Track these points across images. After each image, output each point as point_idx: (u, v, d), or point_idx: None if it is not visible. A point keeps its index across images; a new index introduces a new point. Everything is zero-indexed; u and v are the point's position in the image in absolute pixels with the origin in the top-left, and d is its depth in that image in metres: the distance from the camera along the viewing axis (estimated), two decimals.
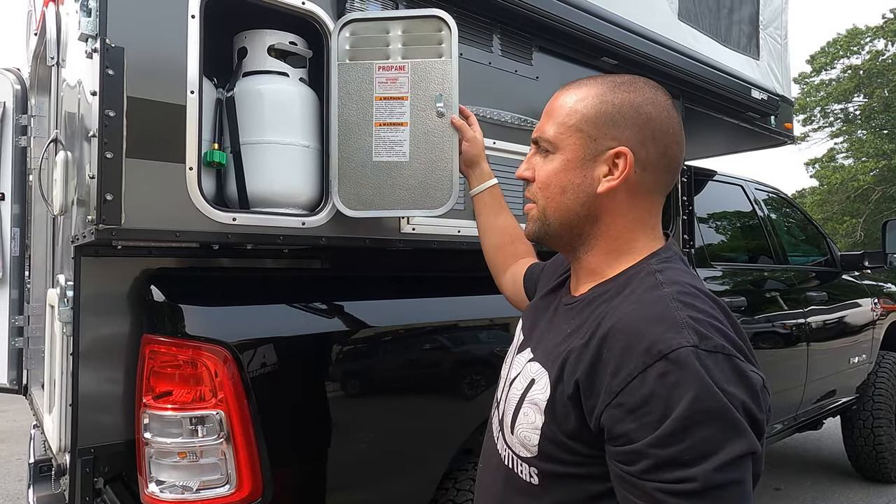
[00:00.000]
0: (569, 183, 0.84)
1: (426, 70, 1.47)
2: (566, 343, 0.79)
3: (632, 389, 0.66)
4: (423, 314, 1.65)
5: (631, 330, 0.70)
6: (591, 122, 0.83)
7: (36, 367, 2.32)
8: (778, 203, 3.77)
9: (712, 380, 0.64)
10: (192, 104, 1.30)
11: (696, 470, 0.62)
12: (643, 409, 0.65)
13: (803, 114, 21.41)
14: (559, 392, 0.76)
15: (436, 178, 1.46)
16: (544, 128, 0.88)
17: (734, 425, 0.63)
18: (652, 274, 0.79)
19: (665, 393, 0.64)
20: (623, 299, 0.77)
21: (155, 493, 1.28)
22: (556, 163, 0.85)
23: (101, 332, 1.40)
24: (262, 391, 1.32)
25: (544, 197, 0.87)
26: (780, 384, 3.16)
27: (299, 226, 1.46)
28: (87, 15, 1.20)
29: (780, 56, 3.13)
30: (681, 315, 0.70)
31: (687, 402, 0.63)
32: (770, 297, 3.18)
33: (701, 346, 0.66)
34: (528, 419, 0.80)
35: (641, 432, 0.65)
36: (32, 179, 2.31)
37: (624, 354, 0.69)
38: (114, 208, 1.20)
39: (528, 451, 0.80)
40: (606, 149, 0.82)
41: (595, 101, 0.84)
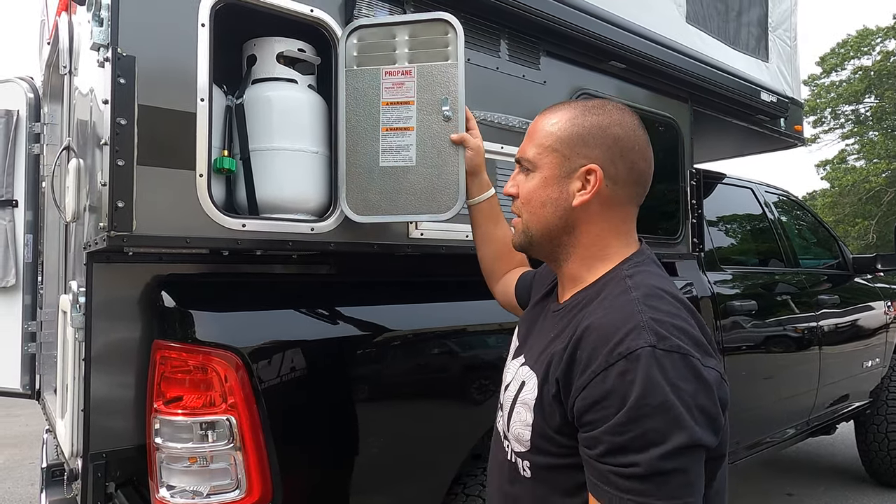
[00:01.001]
0: (547, 198, 0.94)
1: (432, 74, 1.46)
2: (550, 347, 0.89)
3: (595, 385, 0.76)
4: (433, 319, 1.65)
5: (599, 333, 0.79)
6: (565, 143, 0.93)
7: (48, 372, 2.35)
8: (788, 205, 3.74)
9: (664, 377, 0.73)
10: (203, 112, 1.31)
11: (642, 457, 0.71)
12: (604, 403, 0.75)
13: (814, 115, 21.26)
14: (545, 391, 0.85)
15: (442, 183, 1.45)
16: (525, 149, 0.98)
17: (678, 419, 0.71)
18: (623, 279, 0.88)
19: (622, 389, 0.74)
20: (597, 305, 0.86)
21: (166, 498, 1.29)
22: (535, 180, 0.95)
23: (113, 337, 1.41)
24: (271, 396, 1.33)
25: (527, 211, 0.97)
26: (791, 388, 3.13)
27: (308, 231, 1.47)
28: (99, 24, 1.22)
29: (789, 58, 3.12)
30: (643, 318, 0.78)
31: (636, 396, 0.72)
32: (781, 301, 3.15)
33: (658, 346, 0.75)
34: (520, 417, 0.90)
35: (600, 422, 0.75)
36: (45, 186, 2.34)
37: (592, 354, 0.78)
38: (125, 215, 1.21)
39: (522, 446, 0.89)
40: (579, 166, 0.92)
41: (568, 123, 0.94)
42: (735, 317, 2.74)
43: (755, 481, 3.93)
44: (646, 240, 2.47)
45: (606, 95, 2.22)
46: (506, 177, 1.87)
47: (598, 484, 0.75)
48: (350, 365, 1.50)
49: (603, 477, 0.74)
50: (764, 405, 2.93)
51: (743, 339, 2.80)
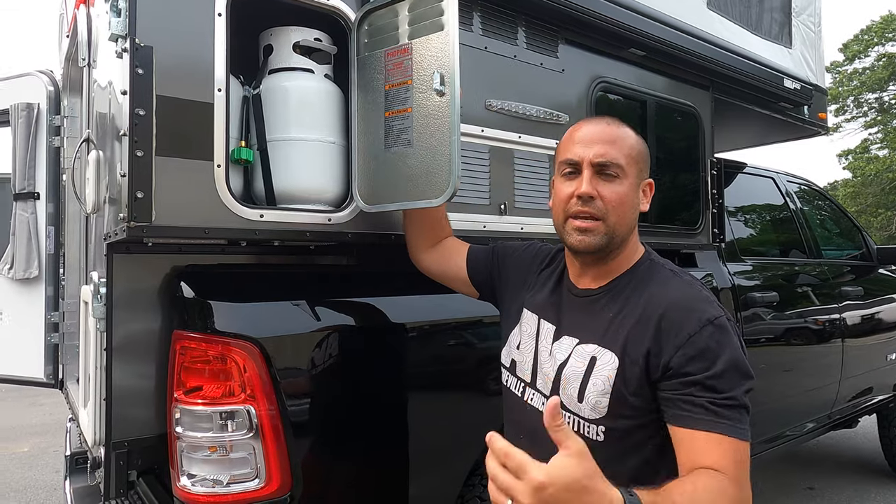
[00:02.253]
0: (631, 203, 1.10)
1: (427, 48, 1.36)
2: (617, 325, 1.05)
3: (692, 343, 0.97)
4: (450, 310, 1.64)
5: (680, 306, 1.01)
6: (643, 158, 1.13)
7: (71, 362, 2.38)
8: (810, 195, 3.67)
9: (735, 337, 0.99)
10: (220, 102, 1.31)
11: (733, 392, 0.95)
12: (701, 356, 0.96)
13: (836, 104, 20.81)
14: (627, 363, 1.02)
15: (436, 166, 1.34)
16: (611, 154, 1.07)
17: (749, 371, 0.98)
18: (661, 266, 1.12)
19: (714, 346, 0.97)
20: (659, 286, 1.07)
21: (187, 487, 1.30)
22: (624, 186, 1.08)
23: (133, 327, 1.43)
24: (289, 387, 1.33)
25: (616, 214, 1.08)
26: (813, 381, 3.09)
27: (325, 222, 1.46)
28: (117, 15, 1.22)
29: (813, 44, 3.04)
30: (705, 294, 1.05)
31: (728, 353, 0.97)
32: (803, 292, 3.10)
33: (725, 315, 1.01)
34: (596, 388, 1.04)
35: (699, 370, 0.96)
36: (66, 178, 2.37)
37: (681, 321, 0.99)
38: (144, 206, 1.22)
39: (598, 413, 1.04)
40: (644, 178, 1.14)
41: (639, 142, 1.13)
42: (755, 308, 2.70)
43: (776, 475, 3.89)
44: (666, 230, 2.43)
45: (626, 84, 2.19)
46: (523, 166, 1.85)
47: (692, 414, 0.94)
48: (368, 356, 1.50)
49: (699, 407, 0.94)
50: (784, 398, 2.89)
51: (763, 330, 2.76)
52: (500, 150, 1.79)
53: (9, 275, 2.39)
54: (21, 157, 2.36)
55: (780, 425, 2.91)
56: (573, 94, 2.01)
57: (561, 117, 1.94)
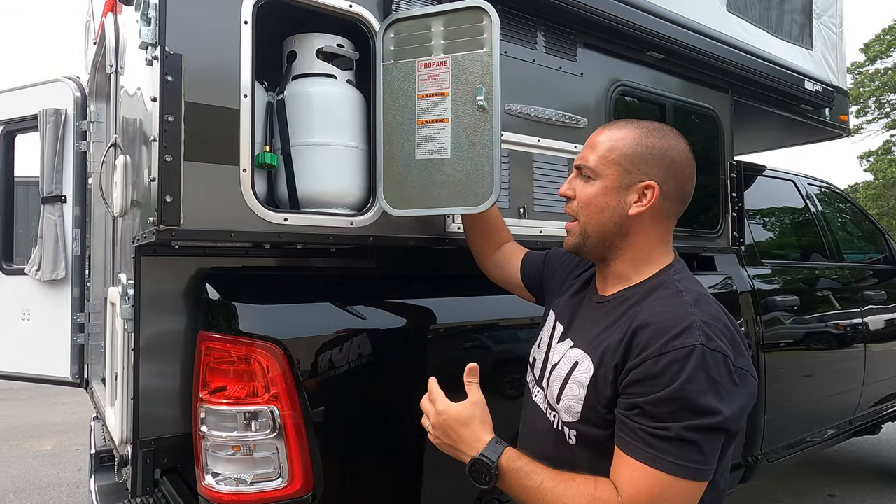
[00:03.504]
0: (606, 204, 1.06)
1: (467, 63, 1.44)
2: (605, 335, 1.02)
3: (647, 366, 0.91)
4: (472, 312, 1.65)
5: (657, 325, 0.93)
6: (628, 159, 1.05)
7: (96, 362, 2.43)
8: (831, 198, 3.62)
9: (705, 371, 0.88)
10: (246, 108, 1.33)
11: (673, 425, 0.87)
12: (651, 381, 0.90)
13: (856, 105, 20.50)
14: (600, 373, 0.99)
15: (477, 175, 1.44)
16: (587, 157, 1.08)
17: (709, 405, 0.87)
18: (673, 283, 1.03)
19: (669, 373, 0.88)
20: (651, 302, 1.00)
21: (211, 485, 1.32)
22: (596, 187, 1.07)
23: (160, 328, 1.45)
24: (312, 387, 1.35)
25: (585, 214, 1.08)
26: (835, 387, 3.05)
27: (348, 225, 1.48)
28: (147, 24, 1.25)
29: (835, 45, 3.01)
30: (696, 319, 0.92)
31: (682, 380, 0.87)
32: (824, 296, 3.06)
33: (707, 345, 0.89)
34: (572, 392, 1.03)
35: (644, 394, 0.90)
36: (92, 182, 2.42)
37: (649, 342, 0.92)
38: (173, 209, 1.24)
39: (572, 417, 1.03)
40: (638, 181, 1.05)
41: (632, 142, 1.06)
42: (776, 312, 2.68)
43: (796, 481, 3.84)
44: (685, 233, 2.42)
45: (644, 87, 2.19)
46: (542, 170, 1.86)
47: (626, 437, 0.91)
48: (389, 357, 1.52)
49: (632, 432, 0.90)
50: (805, 404, 2.86)
51: (784, 335, 2.73)
52: (519, 154, 1.80)
53: (36, 276, 2.44)
54: (49, 162, 2.41)
55: (800, 431, 2.87)
56: (592, 98, 2.01)
57: (580, 121, 1.94)
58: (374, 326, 1.52)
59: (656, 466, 0.86)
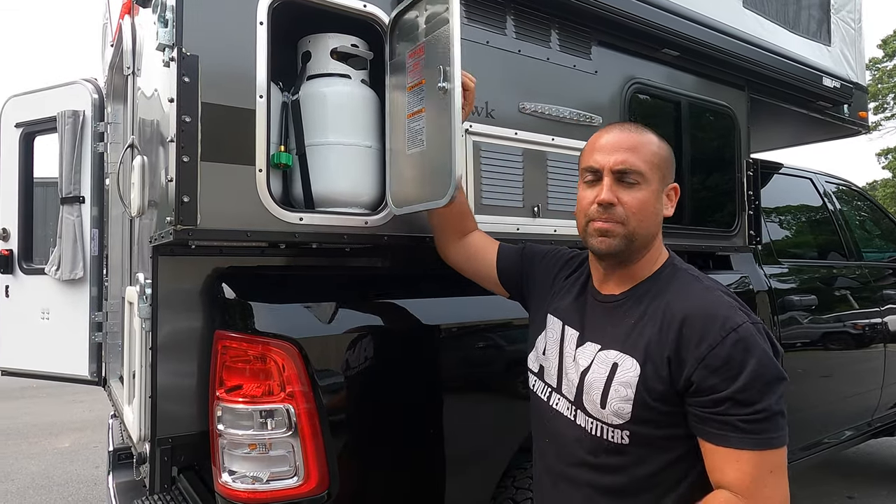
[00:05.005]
0: (653, 209, 1.09)
1: (435, 45, 1.33)
2: (638, 332, 1.04)
3: (714, 355, 0.95)
4: (486, 312, 1.65)
5: (702, 314, 0.99)
6: (666, 164, 1.12)
7: (113, 360, 2.46)
8: (849, 196, 3.57)
9: (762, 344, 0.96)
10: (261, 108, 1.34)
11: (764, 404, 0.93)
12: (724, 368, 0.94)
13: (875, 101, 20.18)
14: (649, 370, 1.01)
15: (441, 166, 1.31)
16: (631, 161, 1.07)
17: (779, 374, 0.95)
18: (685, 272, 1.10)
19: (739, 356, 0.94)
20: (678, 292, 1.05)
21: (228, 483, 1.33)
22: (646, 193, 1.08)
23: (177, 327, 1.46)
24: (327, 386, 1.35)
25: (637, 220, 1.08)
26: (853, 387, 3.01)
27: (362, 225, 1.49)
28: (165, 26, 1.26)
29: (853, 41, 2.97)
30: (729, 300, 1.02)
31: (754, 362, 0.94)
32: (842, 296, 3.02)
33: (749, 321, 0.98)
34: (619, 394, 1.03)
35: (725, 384, 0.94)
36: (109, 183, 2.45)
37: (704, 330, 0.97)
38: (190, 209, 1.25)
39: (622, 419, 1.03)
40: (668, 184, 1.13)
41: (662, 148, 1.12)
42: (793, 312, 2.65)
43: (814, 483, 3.79)
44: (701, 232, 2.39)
45: (660, 84, 2.17)
46: (557, 168, 1.85)
47: (724, 433, 0.93)
48: (403, 357, 1.52)
49: (730, 426, 0.93)
50: (823, 404, 2.82)
51: (801, 334, 2.70)
52: (533, 153, 1.80)
53: (56, 276, 2.48)
54: (67, 163, 2.45)
55: (818, 432, 2.84)
56: (606, 96, 2.00)
57: (594, 119, 1.93)
58: (389, 325, 1.52)
59: (762, 448, 0.92)
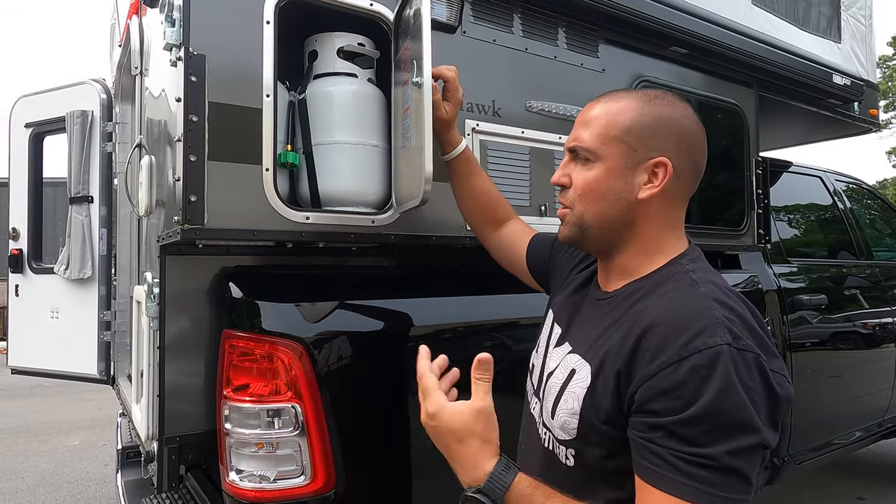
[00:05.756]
0: (609, 190, 0.90)
1: (413, 40, 1.32)
2: (605, 337, 0.87)
3: (666, 375, 0.74)
4: (494, 311, 1.65)
5: (671, 324, 0.77)
6: (633, 134, 0.89)
7: (122, 359, 2.48)
8: (860, 194, 3.55)
9: (738, 377, 0.71)
10: (268, 107, 1.34)
11: (711, 450, 0.70)
12: (673, 394, 0.73)
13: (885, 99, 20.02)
14: (599, 382, 0.83)
15: (417, 163, 1.28)
16: (582, 136, 0.92)
17: (750, 419, 0.71)
18: (685, 273, 0.86)
19: (695, 383, 0.72)
20: (660, 297, 0.84)
21: (235, 482, 1.33)
22: (596, 171, 0.91)
23: (185, 326, 1.47)
24: (334, 386, 1.35)
25: (583, 203, 0.92)
26: (864, 388, 2.98)
27: (369, 224, 1.48)
28: (172, 25, 1.26)
29: (863, 38, 2.94)
30: (717, 314, 0.76)
31: (712, 395, 0.71)
32: (852, 295, 2.99)
33: (734, 345, 0.73)
34: (567, 406, 0.88)
35: (667, 411, 0.73)
36: (118, 183, 2.46)
37: (662, 345, 0.76)
38: (198, 209, 1.25)
39: (567, 434, 0.88)
40: (647, 158, 0.89)
41: (636, 112, 0.89)
42: (802, 311, 2.63)
43: (824, 484, 3.76)
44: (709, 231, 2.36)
45: (667, 82, 2.16)
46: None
47: (651, 465, 0.74)
48: (410, 355, 1.51)
49: (660, 458, 0.73)
50: (833, 405, 2.80)
51: (811, 334, 2.68)
52: (540, 152, 1.79)
53: (65, 275, 2.49)
54: (76, 163, 2.46)
55: (827, 433, 2.82)
56: None
57: None
58: (396, 325, 1.52)
59: (699, 501, 0.70)
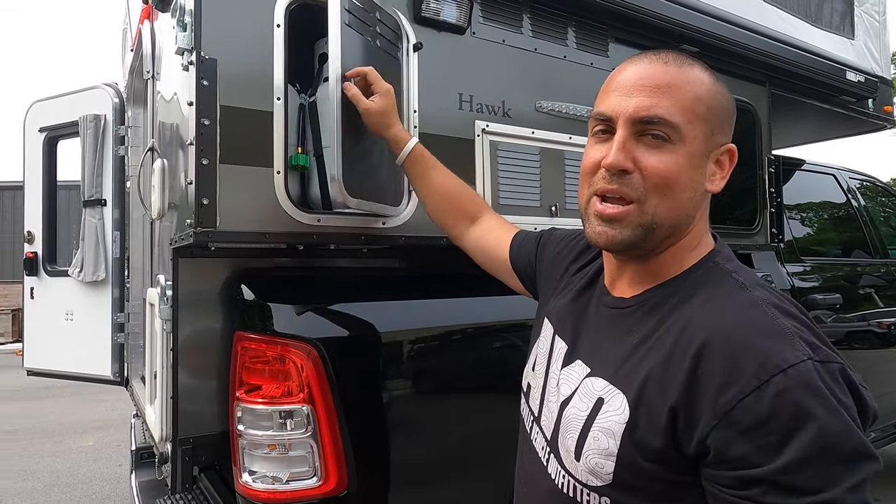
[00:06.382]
0: (690, 181, 0.73)
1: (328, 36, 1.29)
2: (637, 357, 0.71)
3: (745, 408, 0.59)
4: (509, 312, 1.64)
5: (735, 342, 0.63)
6: (715, 114, 0.74)
7: (135, 361, 2.50)
8: (874, 192, 3.51)
9: (833, 396, 0.59)
10: (279, 110, 1.35)
11: (830, 494, 0.56)
12: (761, 431, 0.59)
13: None
14: (641, 416, 0.68)
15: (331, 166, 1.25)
16: (663, 106, 0.71)
17: (862, 445, 0.58)
18: (728, 274, 0.73)
19: (787, 413, 0.58)
20: (704, 305, 0.69)
21: (248, 483, 1.34)
22: (678, 155, 0.72)
23: (197, 328, 1.48)
24: (346, 387, 1.36)
25: (659, 195, 0.73)
26: (879, 388, 2.94)
27: (380, 226, 1.49)
28: (184, 30, 1.27)
29: (877, 34, 2.90)
30: (785, 323, 0.64)
31: (815, 426, 0.57)
32: (867, 294, 2.96)
33: (815, 358, 0.61)
34: (598, 444, 0.71)
35: (761, 456, 0.58)
36: (130, 186, 2.48)
37: (732, 370, 0.61)
38: (210, 212, 1.26)
39: (601, 480, 0.71)
40: (719, 144, 0.76)
41: (716, 91, 0.75)
42: (816, 311, 2.60)
43: None
44: (721, 230, 2.33)
45: None
46: (575, 167, 1.83)
47: None
48: (422, 358, 1.52)
49: None
50: None
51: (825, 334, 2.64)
52: (550, 152, 1.78)
53: (79, 278, 2.52)
54: (89, 166, 2.48)
55: None
56: None
57: None
58: (407, 327, 1.52)
59: None
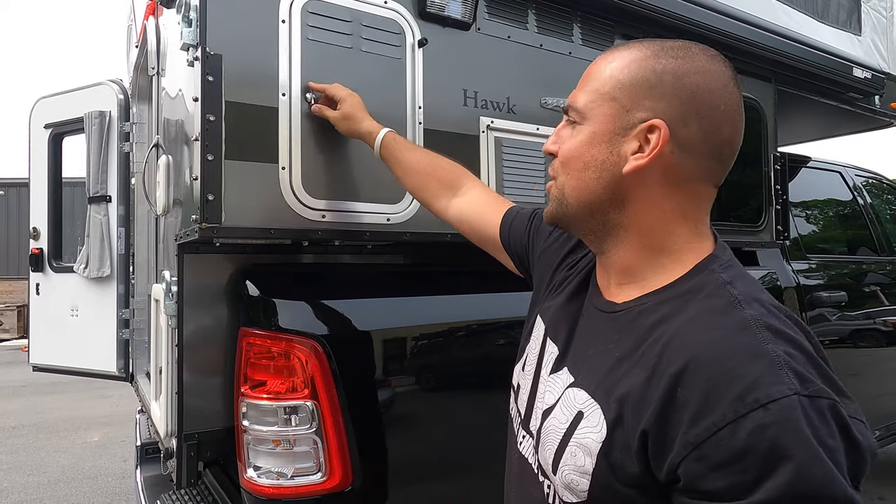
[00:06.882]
0: (592, 159, 0.73)
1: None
2: (619, 372, 0.67)
3: (719, 441, 0.55)
4: (507, 308, 1.64)
5: (715, 369, 0.58)
6: (626, 90, 0.71)
7: (140, 357, 2.51)
8: (880, 189, 3.49)
9: (816, 437, 0.54)
10: (284, 106, 1.35)
11: None
12: (734, 467, 0.54)
13: None
14: (617, 437, 0.64)
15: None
16: (576, 95, 0.77)
17: (843, 495, 0.53)
18: (723, 287, 0.66)
19: (762, 450, 0.53)
20: (693, 322, 0.64)
21: (253, 478, 1.34)
22: (581, 135, 0.74)
23: (202, 324, 1.48)
24: (350, 383, 1.36)
25: (564, 173, 0.77)
26: (883, 387, 2.94)
27: (384, 222, 1.49)
28: (189, 26, 1.27)
29: (885, 30, 2.89)
30: (776, 349, 0.58)
31: (791, 468, 0.52)
32: (873, 292, 2.95)
33: (803, 392, 0.55)
34: (575, 461, 0.68)
35: (732, 493, 0.55)
36: (135, 182, 2.49)
37: (709, 397, 0.57)
38: (215, 208, 1.26)
39: (576, 496, 0.68)
40: (639, 121, 0.70)
41: (634, 65, 0.71)
42: (821, 308, 2.59)
43: None
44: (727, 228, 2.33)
45: None
46: None
47: None
48: (426, 353, 1.52)
49: None
50: None
51: (829, 332, 2.64)
52: None
53: (84, 274, 2.53)
54: (94, 163, 2.49)
55: None
56: None
57: None
58: (411, 323, 1.52)
59: None
